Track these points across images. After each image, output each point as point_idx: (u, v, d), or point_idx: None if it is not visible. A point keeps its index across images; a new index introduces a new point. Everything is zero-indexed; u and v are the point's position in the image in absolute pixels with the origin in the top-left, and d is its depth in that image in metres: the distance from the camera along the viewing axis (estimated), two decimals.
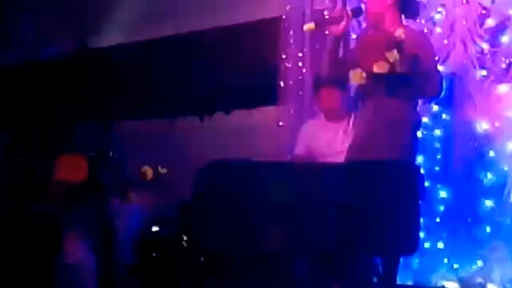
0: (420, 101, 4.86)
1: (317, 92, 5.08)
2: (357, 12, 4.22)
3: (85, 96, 7.37)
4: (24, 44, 7.95)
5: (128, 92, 7.27)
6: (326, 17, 5.25)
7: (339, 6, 5.24)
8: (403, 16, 4.28)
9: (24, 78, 7.81)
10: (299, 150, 5.14)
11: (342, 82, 4.63)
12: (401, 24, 4.23)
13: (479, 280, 4.92)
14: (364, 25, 5.04)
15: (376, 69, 3.94)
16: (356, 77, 4.03)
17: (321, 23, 4.25)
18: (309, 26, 4.19)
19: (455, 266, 5.02)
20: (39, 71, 7.80)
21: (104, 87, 7.35)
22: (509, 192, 4.93)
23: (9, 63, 7.90)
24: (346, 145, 4.38)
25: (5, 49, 7.89)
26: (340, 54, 4.31)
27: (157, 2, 7.22)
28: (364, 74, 3.98)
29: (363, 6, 4.35)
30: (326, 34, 4.59)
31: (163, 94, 7.14)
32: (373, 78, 3.99)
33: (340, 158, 4.36)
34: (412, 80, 3.97)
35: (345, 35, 4.39)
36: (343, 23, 4.10)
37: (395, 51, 3.88)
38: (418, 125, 4.25)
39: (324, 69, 4.33)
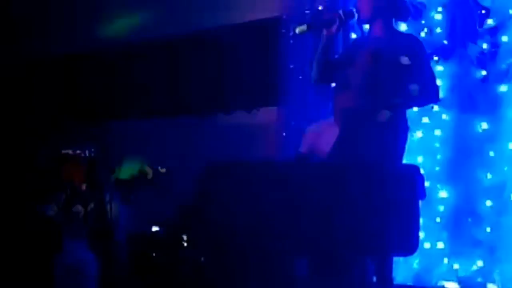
0: None
1: (335, 94, 5.04)
2: (349, 15, 4.23)
3: (85, 96, 7.37)
4: (25, 44, 7.95)
5: (128, 92, 7.27)
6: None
7: (332, 9, 5.22)
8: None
9: (24, 78, 7.81)
10: (303, 148, 5.15)
11: None
12: (392, 27, 4.23)
13: (479, 280, 4.92)
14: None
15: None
16: (382, 117, 4.06)
17: (313, 25, 4.24)
18: (301, 28, 4.18)
19: (455, 266, 5.01)
20: (40, 70, 7.80)
21: (104, 87, 7.36)
22: (509, 192, 4.93)
23: (9, 62, 7.90)
24: None
25: (6, 49, 7.89)
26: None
27: (157, 2, 7.22)
28: (388, 113, 4.02)
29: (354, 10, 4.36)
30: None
31: (163, 94, 7.14)
32: None
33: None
34: (420, 98, 4.05)
35: (337, 36, 4.40)
36: (335, 25, 4.12)
37: (415, 85, 3.97)
38: (407, 129, 4.23)
39: (315, 69, 4.32)
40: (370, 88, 4.08)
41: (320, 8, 5.74)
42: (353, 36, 5.52)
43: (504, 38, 5.04)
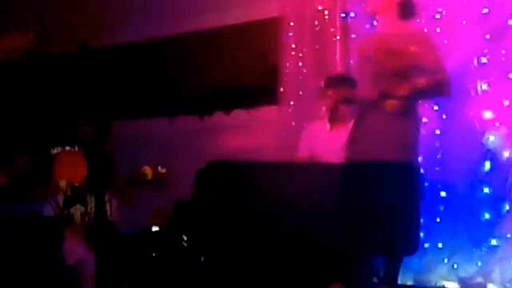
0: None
1: (327, 92, 5.06)
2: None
3: (85, 96, 7.37)
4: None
5: (128, 92, 7.27)
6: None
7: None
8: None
9: (25, 77, 7.81)
10: (301, 152, 5.15)
11: (352, 84, 4.65)
12: (399, 23, 4.27)
13: (479, 280, 4.92)
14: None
15: (401, 92, 4.05)
16: (391, 107, 4.11)
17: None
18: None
19: (455, 266, 5.02)
20: (40, 70, 7.80)
21: (104, 87, 7.35)
22: (509, 192, 4.93)
23: (9, 61, 7.90)
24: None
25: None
26: None
27: (157, 1, 7.22)
28: (398, 103, 4.06)
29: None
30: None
31: (163, 93, 7.14)
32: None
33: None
34: (431, 91, 4.08)
35: None
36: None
37: (421, 78, 4.04)
38: (419, 124, 4.28)
39: None
40: (379, 81, 4.13)
41: None
42: (353, 36, 5.54)
43: (504, 38, 5.04)
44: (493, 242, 4.93)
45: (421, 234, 4.64)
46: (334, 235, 3.22)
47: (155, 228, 5.83)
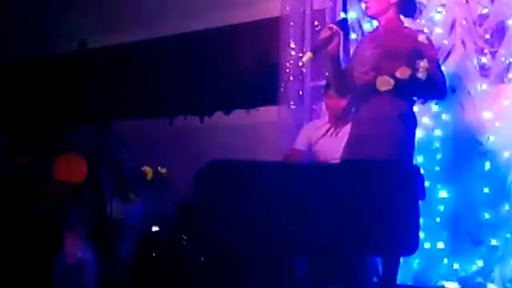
0: (419, 101, 4.91)
1: (326, 92, 5.08)
2: (343, 24, 4.30)
3: (85, 96, 7.38)
4: (25, 44, 7.96)
5: (128, 92, 7.27)
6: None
7: (327, 25, 5.25)
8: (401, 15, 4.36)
9: (25, 78, 7.82)
10: (298, 145, 5.17)
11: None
12: (400, 23, 4.31)
13: (479, 280, 4.92)
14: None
15: (399, 74, 3.99)
16: (384, 83, 4.06)
17: (317, 49, 4.25)
18: (307, 57, 4.20)
19: (455, 266, 5.01)
20: (40, 70, 7.81)
21: (104, 87, 7.36)
22: (509, 192, 4.92)
23: (9, 62, 7.91)
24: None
25: (5, 48, 7.90)
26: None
27: (157, 1, 7.22)
28: (392, 81, 4.02)
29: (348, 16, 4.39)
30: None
31: (163, 94, 7.14)
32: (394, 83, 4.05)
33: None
34: (428, 85, 4.04)
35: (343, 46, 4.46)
36: (336, 40, 4.16)
37: (425, 60, 3.96)
38: (415, 123, 4.27)
39: (333, 84, 4.43)
40: (380, 62, 4.13)
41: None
42: (353, 36, 5.53)
43: (504, 38, 5.04)
44: (493, 242, 4.92)
45: (421, 234, 4.64)
46: (333, 235, 3.21)
47: (155, 228, 5.84)
